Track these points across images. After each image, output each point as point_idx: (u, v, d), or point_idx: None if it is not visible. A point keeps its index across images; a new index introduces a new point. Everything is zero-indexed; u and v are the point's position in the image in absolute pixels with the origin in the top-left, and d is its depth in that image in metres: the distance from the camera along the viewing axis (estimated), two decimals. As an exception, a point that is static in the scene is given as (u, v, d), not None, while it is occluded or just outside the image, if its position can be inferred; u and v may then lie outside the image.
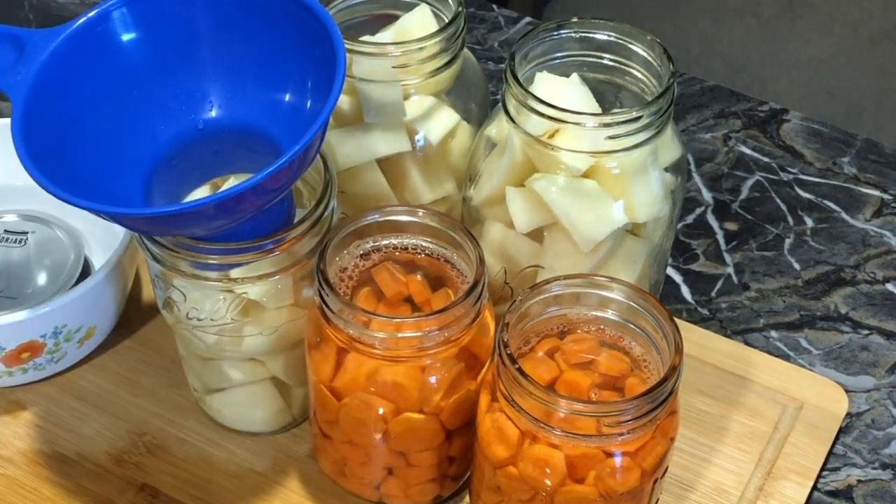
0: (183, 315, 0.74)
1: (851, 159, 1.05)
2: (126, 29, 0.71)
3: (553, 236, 0.75)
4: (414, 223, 0.73)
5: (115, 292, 0.83)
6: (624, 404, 0.65)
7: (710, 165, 1.04)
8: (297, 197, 0.77)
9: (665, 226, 0.77)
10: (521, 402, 0.66)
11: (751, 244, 0.98)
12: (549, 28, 0.76)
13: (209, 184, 0.75)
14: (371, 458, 0.74)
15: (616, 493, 0.67)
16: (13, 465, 0.81)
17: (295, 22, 0.69)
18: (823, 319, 0.92)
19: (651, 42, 0.75)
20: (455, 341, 0.69)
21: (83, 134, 0.70)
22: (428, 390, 0.70)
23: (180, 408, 0.84)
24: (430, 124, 0.80)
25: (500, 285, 0.79)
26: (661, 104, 0.71)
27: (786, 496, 0.80)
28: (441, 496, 0.78)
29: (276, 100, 0.71)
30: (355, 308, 0.68)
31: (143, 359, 0.87)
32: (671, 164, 0.76)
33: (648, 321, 0.69)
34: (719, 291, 0.94)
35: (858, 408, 0.86)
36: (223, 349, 0.76)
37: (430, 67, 0.78)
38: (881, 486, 0.82)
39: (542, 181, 0.73)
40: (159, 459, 0.81)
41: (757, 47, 1.53)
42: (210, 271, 0.72)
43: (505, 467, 0.69)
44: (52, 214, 0.90)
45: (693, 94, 1.10)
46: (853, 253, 0.97)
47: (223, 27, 0.71)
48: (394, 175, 0.81)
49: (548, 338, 0.70)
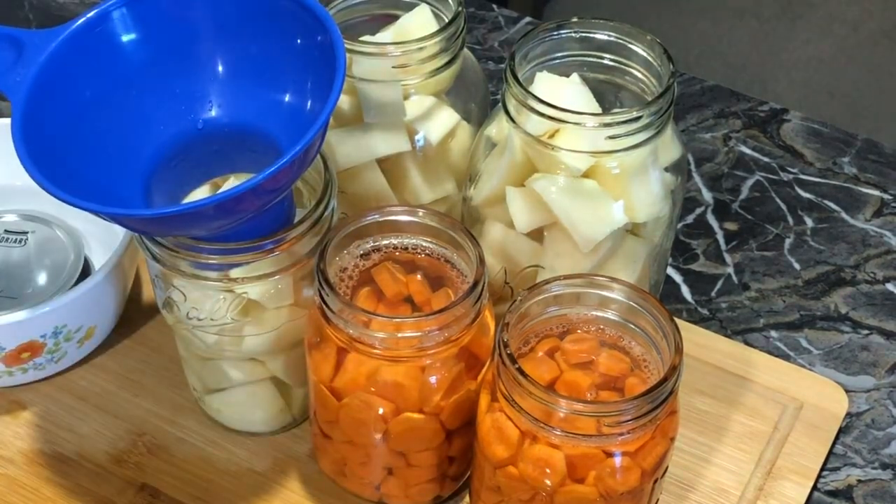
0: (183, 315, 0.74)
1: (851, 159, 1.05)
2: (126, 29, 0.71)
3: (553, 236, 0.75)
4: (414, 223, 0.73)
5: (115, 292, 0.83)
6: (624, 404, 0.65)
7: (710, 165, 1.04)
8: (297, 197, 0.77)
9: (665, 226, 0.77)
10: (521, 402, 0.66)
11: (751, 244, 0.98)
12: (549, 28, 0.76)
13: (209, 184, 0.75)
14: (371, 458, 0.74)
15: (616, 493, 0.67)
16: (13, 465, 0.81)
17: (295, 22, 0.69)
18: (823, 319, 0.92)
19: (651, 42, 0.75)
20: (455, 341, 0.69)
21: (83, 134, 0.70)
22: (428, 390, 0.70)
23: (180, 408, 0.84)
24: (430, 124, 0.80)
25: (500, 285, 0.79)
26: (661, 104, 0.71)
27: (786, 496, 0.80)
28: (441, 496, 0.78)
29: (275, 100, 0.71)
30: (355, 308, 0.68)
31: (143, 359, 0.87)
32: (671, 164, 0.76)
33: (648, 321, 0.69)
34: (719, 291, 0.94)
35: (858, 408, 0.86)
36: (223, 349, 0.76)
37: (430, 67, 0.78)
38: (881, 486, 0.82)
39: (542, 181, 0.73)
40: (159, 459, 0.81)
41: (757, 47, 1.53)
42: (210, 271, 0.72)
43: (505, 467, 0.69)
44: (52, 214, 0.90)
45: (693, 94, 1.10)
46: (853, 253, 0.97)
47: (223, 27, 0.71)
48: (394, 175, 0.81)
49: (548, 338, 0.70)
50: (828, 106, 1.48)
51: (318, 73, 0.67)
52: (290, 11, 0.68)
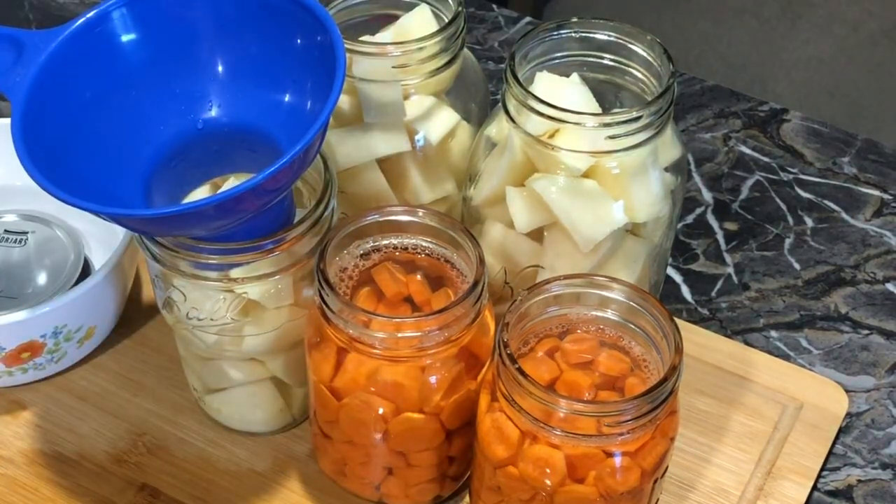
0: (183, 315, 0.74)
1: (851, 159, 1.05)
2: (125, 29, 0.71)
3: (553, 236, 0.75)
4: (414, 223, 0.73)
5: (115, 292, 0.83)
6: (624, 404, 0.65)
7: (710, 165, 1.04)
8: (297, 197, 0.77)
9: (665, 226, 0.77)
10: (521, 402, 0.66)
11: (751, 244, 0.98)
12: (549, 28, 0.76)
13: (209, 184, 0.75)
14: (371, 458, 0.74)
15: (616, 493, 0.67)
16: (13, 465, 0.81)
17: (294, 22, 0.69)
18: (823, 319, 0.92)
19: (651, 42, 0.75)
20: (455, 341, 0.69)
21: (83, 134, 0.70)
22: (428, 390, 0.70)
23: (180, 408, 0.84)
24: (430, 124, 0.80)
25: (500, 285, 0.79)
26: (661, 104, 0.71)
27: (786, 496, 0.80)
28: (441, 496, 0.78)
29: (275, 100, 0.71)
30: (355, 308, 0.68)
31: (143, 359, 0.87)
32: (671, 164, 0.76)
33: (648, 321, 0.69)
34: (719, 291, 0.94)
35: (858, 408, 0.86)
36: (223, 349, 0.76)
37: (430, 67, 0.78)
38: (881, 486, 0.82)
39: (542, 181, 0.73)
40: (159, 459, 0.81)
41: (757, 47, 1.53)
42: (210, 271, 0.72)
43: (505, 467, 0.69)
44: (52, 214, 0.90)
45: (693, 94, 1.10)
46: (853, 253, 0.97)
47: (222, 27, 0.71)
48: (394, 175, 0.81)
49: (548, 338, 0.70)
50: (828, 106, 1.48)
51: (317, 73, 0.67)
52: (289, 12, 0.68)
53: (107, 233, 0.87)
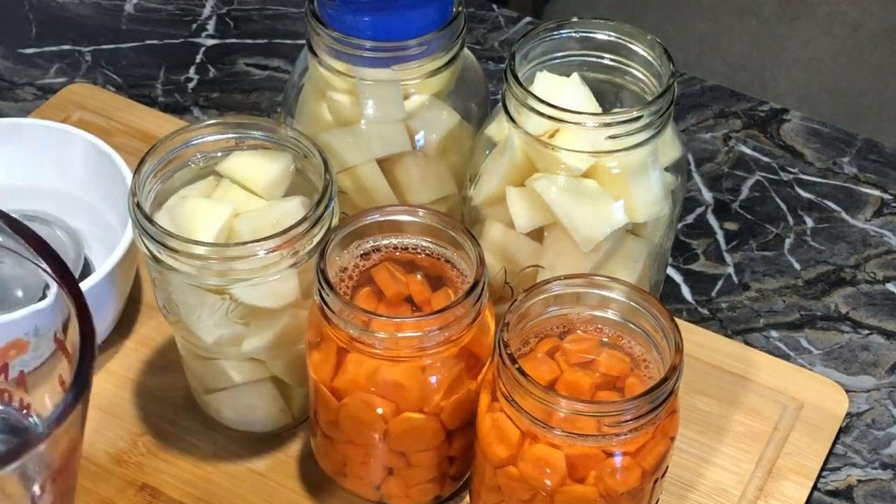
0: (183, 315, 0.74)
1: (851, 159, 1.05)
2: None
3: (553, 236, 0.75)
4: (414, 223, 0.73)
5: (115, 292, 0.83)
6: (624, 404, 0.65)
7: (710, 165, 1.04)
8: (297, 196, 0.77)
9: (665, 226, 0.77)
10: (521, 402, 0.66)
11: (751, 244, 0.98)
12: (549, 28, 0.76)
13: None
14: (371, 458, 0.74)
15: (616, 493, 0.67)
16: (13, 466, 0.81)
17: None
18: (823, 319, 0.92)
19: (651, 42, 0.75)
20: (455, 341, 0.69)
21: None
22: (428, 390, 0.70)
23: (180, 408, 0.84)
24: (430, 124, 0.80)
25: (500, 285, 0.79)
26: (661, 104, 0.71)
27: (786, 496, 0.80)
28: (441, 496, 0.78)
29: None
30: (355, 308, 0.68)
31: (143, 359, 0.87)
32: (671, 164, 0.76)
33: (648, 321, 0.69)
34: (719, 291, 0.94)
35: (858, 408, 0.86)
36: (223, 349, 0.76)
37: (430, 67, 0.78)
38: (881, 486, 0.82)
39: (542, 181, 0.73)
40: (159, 459, 0.81)
41: (757, 47, 1.53)
42: (211, 271, 0.72)
43: (505, 467, 0.69)
44: (52, 214, 0.90)
45: (693, 94, 1.10)
46: (853, 253, 0.97)
47: None
48: (394, 175, 0.81)
49: (548, 338, 0.70)
50: (828, 106, 1.48)
51: None
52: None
53: (107, 233, 0.87)
